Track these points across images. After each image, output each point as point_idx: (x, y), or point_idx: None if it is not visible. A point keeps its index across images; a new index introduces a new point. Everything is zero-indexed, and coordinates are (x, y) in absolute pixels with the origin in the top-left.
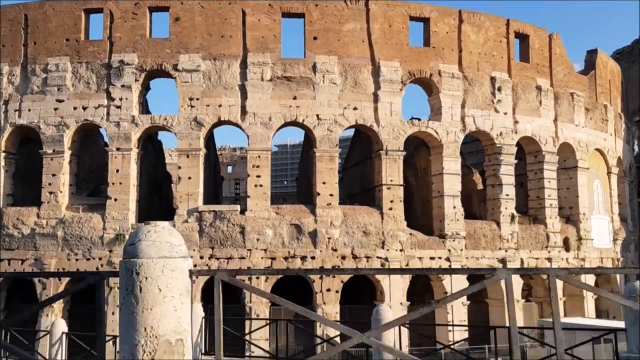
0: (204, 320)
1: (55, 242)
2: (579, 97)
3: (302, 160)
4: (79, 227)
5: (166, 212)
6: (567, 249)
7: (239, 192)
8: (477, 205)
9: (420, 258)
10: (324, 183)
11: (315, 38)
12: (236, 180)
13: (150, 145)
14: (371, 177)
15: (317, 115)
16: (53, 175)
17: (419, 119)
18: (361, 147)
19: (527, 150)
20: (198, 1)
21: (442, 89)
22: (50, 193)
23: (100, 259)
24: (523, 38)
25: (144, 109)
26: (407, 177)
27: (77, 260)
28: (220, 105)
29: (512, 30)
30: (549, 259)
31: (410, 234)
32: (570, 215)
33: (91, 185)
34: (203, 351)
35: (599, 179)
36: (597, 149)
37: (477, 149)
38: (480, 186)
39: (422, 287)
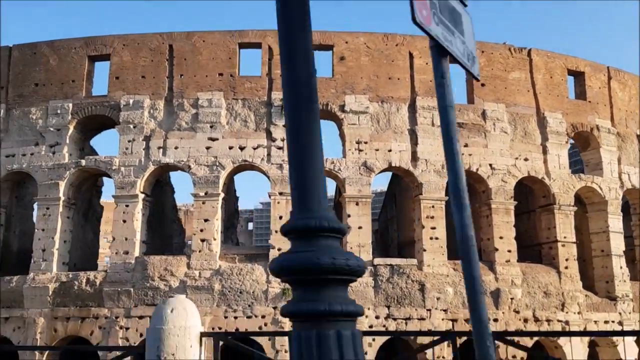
0: None
1: (211, 297)
2: None
3: None
4: (239, 279)
5: None
6: None
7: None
8: None
9: (595, 322)
10: (500, 238)
11: (483, 85)
12: None
13: None
14: (532, 233)
15: (490, 165)
16: (206, 220)
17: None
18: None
19: None
20: (364, 40)
21: (602, 144)
22: (203, 240)
23: (263, 316)
24: None
25: None
26: None
27: (236, 317)
28: (390, 150)
29: None
30: None
31: (586, 295)
32: None
33: (229, 233)
34: None
35: None
36: None
37: None
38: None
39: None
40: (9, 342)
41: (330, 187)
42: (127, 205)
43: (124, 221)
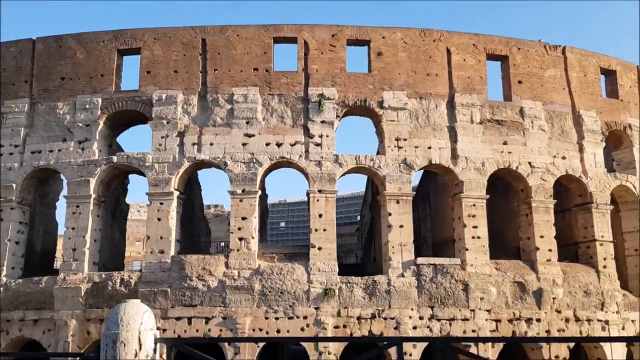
0: None
1: (250, 297)
2: None
3: None
4: (279, 279)
5: None
6: None
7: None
8: None
9: (633, 321)
10: (541, 237)
11: (519, 82)
12: None
13: None
14: (568, 232)
15: (530, 163)
16: (243, 218)
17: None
18: None
19: None
20: (401, 36)
21: (634, 143)
22: (241, 239)
23: (305, 317)
24: None
25: None
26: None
27: (277, 318)
28: (429, 147)
29: None
30: None
31: (624, 294)
32: None
33: (263, 232)
34: None
35: None
36: None
37: None
38: None
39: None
40: (39, 345)
41: (359, 183)
42: (161, 203)
43: (159, 219)
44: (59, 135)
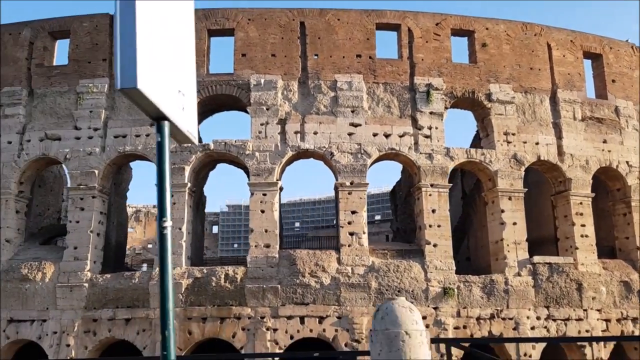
0: None
1: (367, 296)
2: None
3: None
4: (396, 277)
5: None
6: None
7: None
8: None
9: None
10: None
11: (613, 81)
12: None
13: None
14: None
15: (627, 162)
16: (353, 212)
17: None
18: None
19: None
20: (504, 28)
21: None
22: (352, 234)
23: (424, 317)
24: None
25: None
26: None
27: None
28: (537, 143)
29: None
30: None
31: None
32: None
33: None
34: None
35: None
36: None
37: None
38: None
39: None
40: (132, 346)
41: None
42: (264, 194)
43: (262, 211)
44: (145, 119)
